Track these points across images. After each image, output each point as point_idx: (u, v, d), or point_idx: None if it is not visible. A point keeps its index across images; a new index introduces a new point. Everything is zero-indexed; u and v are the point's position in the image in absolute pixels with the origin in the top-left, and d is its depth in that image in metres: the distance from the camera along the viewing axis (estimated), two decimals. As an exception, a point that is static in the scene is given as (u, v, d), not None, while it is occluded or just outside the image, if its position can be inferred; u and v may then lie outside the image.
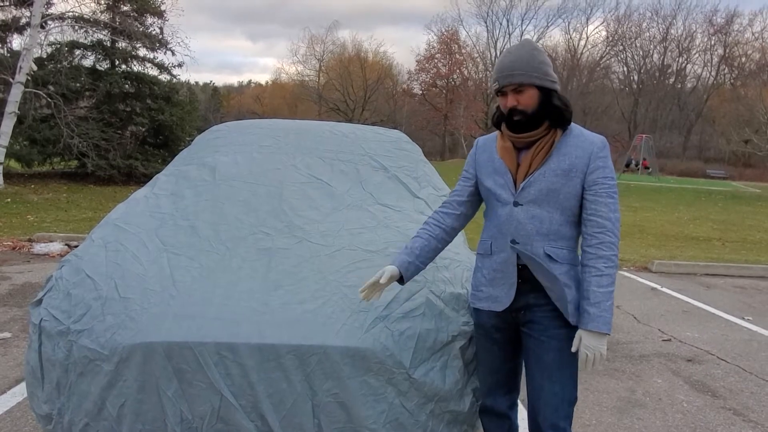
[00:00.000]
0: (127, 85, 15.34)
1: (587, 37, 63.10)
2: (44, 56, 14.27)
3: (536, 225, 1.77)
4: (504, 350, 1.92)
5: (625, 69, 51.29)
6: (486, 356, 1.95)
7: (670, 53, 48.98)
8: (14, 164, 14.54)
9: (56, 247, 6.56)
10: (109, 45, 15.32)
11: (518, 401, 2.04)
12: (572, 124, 1.80)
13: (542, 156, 1.76)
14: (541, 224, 1.77)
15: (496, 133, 1.90)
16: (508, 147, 1.82)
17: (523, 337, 1.86)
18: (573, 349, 1.75)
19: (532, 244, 1.78)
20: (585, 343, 1.71)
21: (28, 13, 13.43)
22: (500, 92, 1.79)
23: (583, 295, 1.74)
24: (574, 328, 1.78)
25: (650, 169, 29.59)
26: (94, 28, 14.79)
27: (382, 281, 1.82)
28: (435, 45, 44.66)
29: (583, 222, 1.78)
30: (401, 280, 1.90)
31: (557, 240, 1.78)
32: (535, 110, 1.74)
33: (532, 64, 1.72)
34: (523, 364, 1.94)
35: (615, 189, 1.75)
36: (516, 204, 1.80)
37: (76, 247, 6.69)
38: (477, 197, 1.97)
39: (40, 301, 2.09)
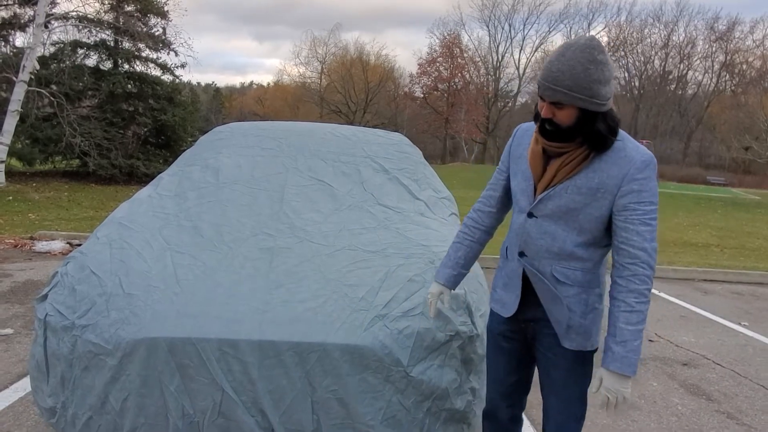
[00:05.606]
0: (129, 85, 15.39)
1: (589, 43, 63.01)
2: (47, 55, 14.35)
3: (547, 242, 1.62)
4: (509, 361, 1.82)
5: (627, 74, 51.39)
6: (492, 364, 1.88)
7: (671, 59, 49.20)
8: (16, 163, 14.57)
9: (58, 245, 6.60)
10: (112, 45, 15.39)
11: (523, 417, 1.98)
12: (621, 133, 1.56)
13: (569, 170, 1.56)
14: (553, 242, 1.61)
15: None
16: (537, 151, 1.62)
17: (535, 350, 1.78)
18: (593, 390, 1.58)
19: (540, 261, 1.64)
20: (606, 384, 1.53)
21: (31, 12, 13.49)
22: (540, 96, 1.56)
23: (609, 330, 1.55)
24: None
25: None
26: (97, 28, 14.85)
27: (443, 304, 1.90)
28: (437, 48, 44.83)
29: (614, 249, 1.57)
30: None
31: (570, 261, 1.61)
32: (570, 126, 1.52)
33: (581, 83, 1.45)
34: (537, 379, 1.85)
35: (652, 215, 1.53)
36: (530, 215, 1.64)
37: (78, 245, 6.73)
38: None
39: (45, 297, 2.13)
